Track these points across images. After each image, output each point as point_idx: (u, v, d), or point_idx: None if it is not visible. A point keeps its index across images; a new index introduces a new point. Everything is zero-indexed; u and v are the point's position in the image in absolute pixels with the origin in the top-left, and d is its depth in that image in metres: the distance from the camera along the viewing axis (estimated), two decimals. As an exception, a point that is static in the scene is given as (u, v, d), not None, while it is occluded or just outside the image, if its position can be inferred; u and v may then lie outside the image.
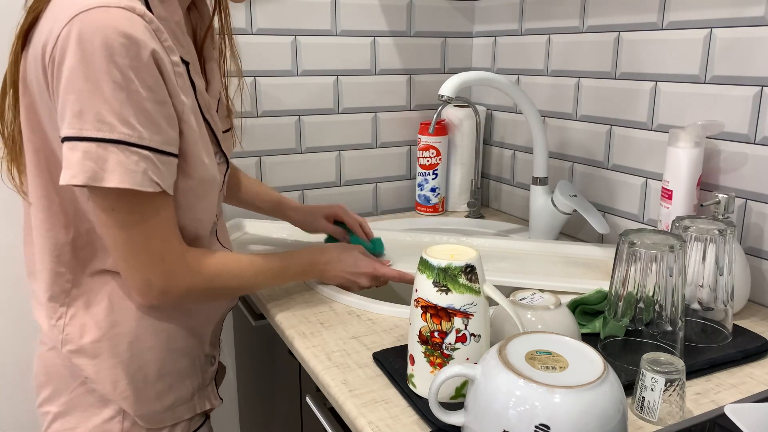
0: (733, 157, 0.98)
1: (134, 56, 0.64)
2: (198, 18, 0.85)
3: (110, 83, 0.64)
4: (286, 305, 0.95)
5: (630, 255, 0.76)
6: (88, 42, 0.63)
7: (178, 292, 0.75)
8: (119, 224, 0.69)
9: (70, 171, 0.65)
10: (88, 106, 0.64)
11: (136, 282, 0.73)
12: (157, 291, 0.74)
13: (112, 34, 0.63)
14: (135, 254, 0.71)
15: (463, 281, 0.66)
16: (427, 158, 1.45)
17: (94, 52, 0.63)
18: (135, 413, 0.80)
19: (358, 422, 0.68)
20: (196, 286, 0.77)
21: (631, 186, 1.16)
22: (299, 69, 1.36)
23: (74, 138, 0.64)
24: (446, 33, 1.51)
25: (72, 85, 0.64)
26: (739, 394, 0.73)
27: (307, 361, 0.80)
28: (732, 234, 0.82)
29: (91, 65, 0.63)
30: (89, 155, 0.64)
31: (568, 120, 1.29)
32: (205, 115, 0.79)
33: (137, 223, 0.70)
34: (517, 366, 0.56)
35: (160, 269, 0.73)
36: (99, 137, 0.64)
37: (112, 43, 0.63)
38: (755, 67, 0.93)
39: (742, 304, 0.92)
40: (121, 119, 0.65)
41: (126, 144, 0.65)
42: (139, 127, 0.66)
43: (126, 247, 0.71)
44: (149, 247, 0.71)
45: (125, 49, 0.64)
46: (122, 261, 0.72)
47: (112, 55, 0.63)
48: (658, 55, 1.08)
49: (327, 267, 0.95)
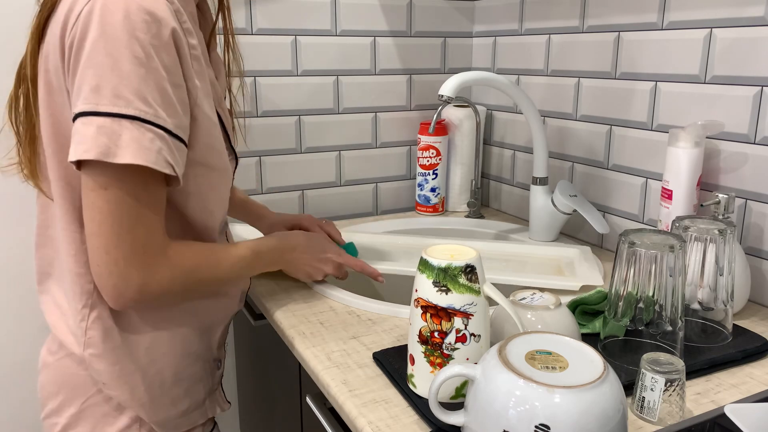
0: (733, 157, 0.98)
1: (155, 34, 0.64)
2: (201, 18, 0.85)
3: (130, 58, 0.63)
4: (286, 305, 0.95)
5: (630, 255, 0.76)
6: (111, 17, 0.62)
7: (157, 289, 0.71)
8: (109, 205, 0.66)
9: (83, 146, 0.63)
10: (106, 81, 0.63)
11: (112, 278, 0.68)
12: (134, 288, 0.69)
13: (135, 10, 0.63)
14: (117, 242, 0.67)
15: (463, 281, 0.66)
16: (427, 158, 1.45)
17: (115, 27, 0.62)
18: (151, 420, 0.79)
19: (358, 422, 0.68)
20: (174, 280, 0.72)
21: (631, 186, 1.16)
22: (299, 69, 1.36)
23: (89, 113, 0.63)
24: (446, 33, 1.51)
25: (92, 60, 0.63)
26: (739, 394, 0.73)
27: (307, 361, 0.80)
28: (732, 234, 0.82)
29: (113, 40, 0.62)
30: (103, 130, 0.63)
31: (568, 120, 1.29)
32: (217, 108, 0.79)
33: (129, 207, 0.67)
34: (517, 366, 0.56)
35: (140, 260, 0.68)
36: (115, 112, 0.63)
37: (134, 18, 0.63)
38: (755, 67, 0.93)
39: (742, 304, 0.92)
40: (138, 95, 0.64)
41: (142, 120, 0.64)
42: (155, 105, 0.65)
43: (110, 232, 0.66)
44: (134, 234, 0.67)
45: (147, 25, 0.63)
46: (101, 250, 0.67)
47: (134, 31, 0.63)
48: (658, 55, 1.08)
49: (294, 254, 0.92)
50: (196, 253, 0.77)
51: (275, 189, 1.40)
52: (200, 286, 0.79)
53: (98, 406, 0.78)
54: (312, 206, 1.45)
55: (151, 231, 0.70)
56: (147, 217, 0.69)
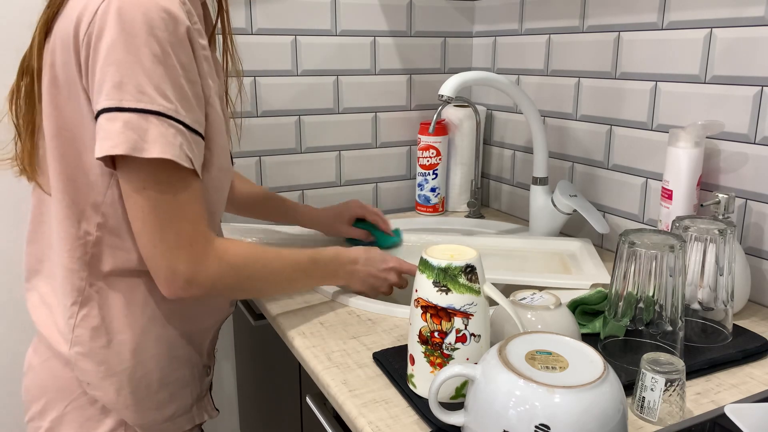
0: (733, 157, 0.98)
1: (172, 31, 0.65)
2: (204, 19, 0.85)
3: (150, 56, 0.64)
4: (286, 305, 0.95)
5: (630, 255, 0.76)
6: (129, 14, 0.63)
7: (205, 281, 0.72)
8: (150, 204, 0.68)
9: (110, 141, 0.64)
10: (128, 77, 0.64)
11: (162, 270, 0.70)
12: (183, 280, 0.71)
13: (153, 7, 0.64)
14: (163, 238, 0.69)
15: (463, 281, 0.66)
16: (427, 158, 1.45)
17: (134, 25, 0.63)
18: (136, 423, 0.78)
19: (358, 422, 0.68)
20: (223, 275, 0.74)
21: (631, 186, 1.16)
22: (299, 69, 1.36)
23: (113, 109, 0.64)
24: (446, 33, 1.51)
25: (111, 57, 0.64)
26: (740, 394, 0.73)
27: (307, 361, 0.80)
28: (732, 234, 0.82)
29: (132, 37, 0.63)
30: (130, 125, 0.64)
31: (568, 120, 1.29)
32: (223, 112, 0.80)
33: (168, 203, 0.68)
34: (517, 366, 0.56)
35: (187, 255, 0.70)
36: (140, 108, 0.64)
37: (153, 16, 0.64)
38: (755, 67, 0.93)
39: (742, 304, 0.92)
40: (160, 92, 0.65)
41: (165, 116, 0.65)
42: (175, 101, 0.66)
43: (154, 230, 0.69)
44: (178, 230, 0.69)
45: (164, 23, 0.64)
46: (149, 246, 0.69)
47: (153, 29, 0.64)
48: (658, 55, 1.08)
49: (356, 266, 0.92)
50: (245, 250, 0.78)
51: (275, 189, 1.40)
52: (251, 284, 0.80)
53: (82, 409, 0.77)
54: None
55: (195, 224, 0.71)
56: (188, 211, 0.70)
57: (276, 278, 0.83)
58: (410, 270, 0.95)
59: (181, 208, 0.69)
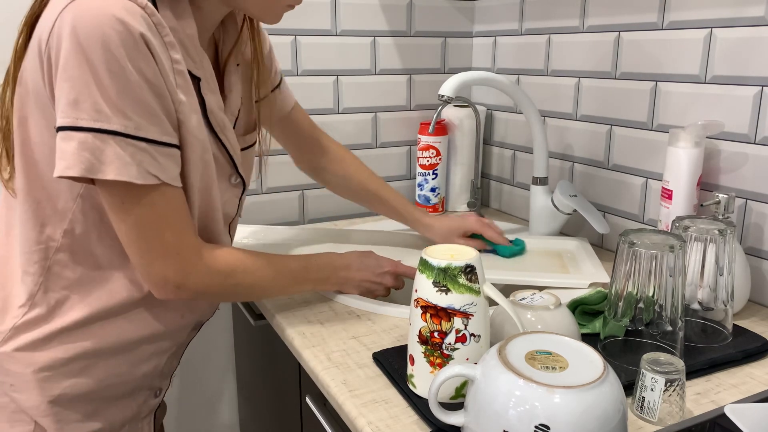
0: (733, 157, 0.98)
1: (131, 46, 0.63)
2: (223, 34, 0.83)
3: (107, 72, 0.62)
4: (286, 305, 0.95)
5: (630, 255, 0.76)
6: (83, 29, 0.61)
7: (195, 287, 0.73)
8: (131, 218, 0.68)
9: (65, 162, 0.63)
10: (84, 95, 0.62)
11: (151, 277, 0.71)
12: (173, 286, 0.72)
13: (109, 21, 0.62)
14: (149, 249, 0.69)
15: (462, 281, 0.66)
16: (427, 158, 1.45)
17: (89, 40, 0.61)
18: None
19: (358, 422, 0.68)
20: (212, 283, 0.75)
21: (631, 186, 1.16)
22: (299, 69, 1.36)
23: (69, 128, 0.63)
24: (446, 33, 1.51)
25: (66, 73, 0.62)
26: (739, 394, 0.73)
27: (307, 361, 0.80)
28: (732, 234, 0.82)
29: (87, 53, 0.62)
30: (85, 146, 0.63)
31: (568, 120, 1.29)
32: (219, 135, 0.78)
33: (148, 216, 0.68)
34: (517, 366, 0.56)
35: (174, 264, 0.71)
36: (96, 127, 0.63)
37: (108, 31, 0.62)
38: (755, 67, 0.93)
39: (742, 304, 0.92)
40: (117, 110, 0.63)
41: (122, 135, 0.64)
42: (135, 117, 0.64)
43: (139, 242, 0.69)
44: (163, 241, 0.70)
45: (121, 37, 0.62)
46: (137, 257, 0.70)
47: (109, 44, 0.62)
48: (658, 55, 1.08)
49: (350, 272, 0.92)
50: (235, 258, 0.78)
51: (275, 189, 1.40)
52: (241, 291, 0.81)
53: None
54: (312, 206, 1.45)
55: (180, 234, 0.71)
56: (171, 221, 0.70)
57: (266, 285, 0.84)
58: (406, 272, 0.95)
59: (162, 219, 0.69)
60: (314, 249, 1.17)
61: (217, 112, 0.77)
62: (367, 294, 0.96)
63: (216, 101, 0.77)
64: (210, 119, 0.76)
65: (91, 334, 0.75)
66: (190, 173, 0.73)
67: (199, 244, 0.74)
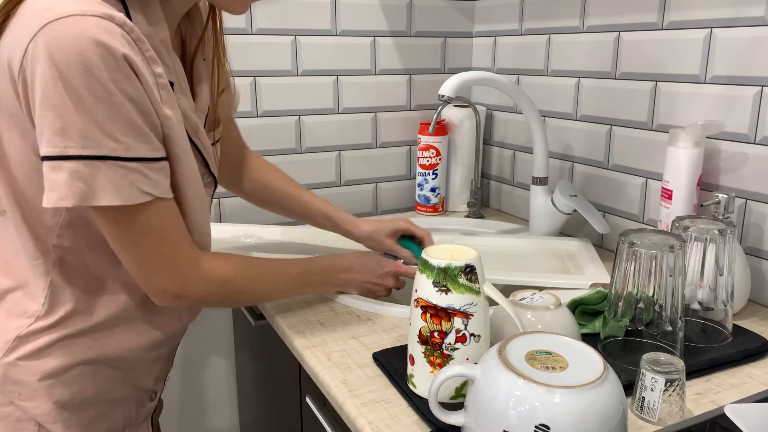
0: (733, 157, 0.98)
1: (114, 68, 0.61)
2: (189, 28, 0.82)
3: (91, 98, 0.60)
4: (286, 305, 0.95)
5: (630, 255, 0.76)
6: (61, 55, 0.59)
7: (194, 295, 0.74)
8: (126, 236, 0.68)
9: (57, 193, 0.61)
10: (70, 122, 0.60)
11: (151, 289, 0.72)
12: (172, 296, 0.72)
13: (88, 45, 0.59)
14: (146, 264, 0.70)
15: (462, 281, 0.66)
16: (427, 158, 1.45)
17: (69, 66, 0.59)
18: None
19: (358, 422, 0.68)
20: (211, 292, 0.75)
21: (631, 186, 1.16)
22: (299, 69, 1.36)
23: (57, 157, 0.61)
24: (446, 33, 1.51)
25: (48, 102, 0.60)
26: (739, 394, 0.73)
27: (307, 361, 0.80)
28: (732, 234, 0.82)
29: (68, 80, 0.59)
30: (76, 175, 0.61)
31: (568, 120, 1.29)
32: (193, 138, 0.77)
33: (143, 232, 0.68)
34: (517, 366, 0.56)
35: (172, 275, 0.71)
36: (85, 155, 0.61)
37: (89, 56, 0.59)
38: (755, 67, 0.93)
39: (742, 304, 0.92)
40: (105, 134, 0.62)
41: (112, 159, 0.63)
42: (124, 139, 0.63)
43: (137, 257, 0.69)
44: (159, 255, 0.70)
45: (102, 60, 0.60)
46: (135, 270, 0.70)
47: (90, 69, 0.60)
48: (658, 55, 1.08)
49: (351, 274, 0.92)
50: (233, 265, 0.78)
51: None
52: (242, 297, 0.82)
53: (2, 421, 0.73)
54: (312, 206, 1.45)
55: (176, 246, 0.71)
56: (165, 234, 0.70)
57: (267, 290, 0.84)
58: (407, 273, 0.95)
59: (157, 233, 0.69)
60: (314, 249, 1.17)
61: (190, 115, 0.76)
62: (368, 295, 0.96)
63: (188, 104, 0.76)
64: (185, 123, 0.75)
65: (93, 340, 0.75)
66: (182, 186, 0.72)
67: (196, 253, 0.74)
